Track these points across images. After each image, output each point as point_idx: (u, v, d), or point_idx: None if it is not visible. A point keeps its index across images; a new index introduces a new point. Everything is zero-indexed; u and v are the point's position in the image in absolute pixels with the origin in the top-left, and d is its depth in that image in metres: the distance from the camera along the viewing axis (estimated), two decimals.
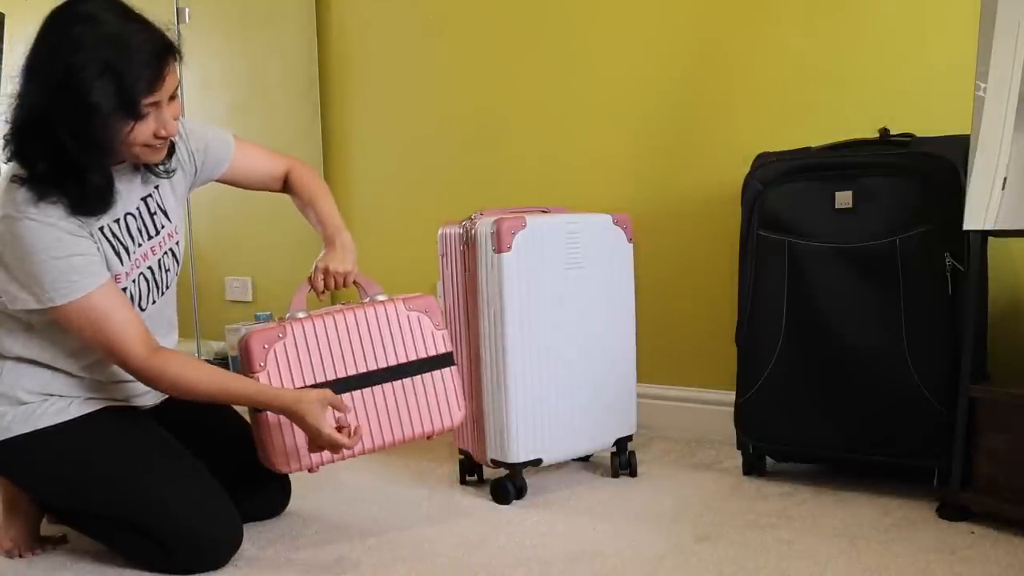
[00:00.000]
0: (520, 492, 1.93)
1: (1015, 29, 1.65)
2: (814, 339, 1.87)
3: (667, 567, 1.56)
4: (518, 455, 1.91)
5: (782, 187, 1.91)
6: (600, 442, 2.03)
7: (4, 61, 2.58)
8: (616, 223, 2.02)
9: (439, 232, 2.01)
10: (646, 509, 1.85)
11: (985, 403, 1.68)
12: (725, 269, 2.27)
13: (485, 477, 2.03)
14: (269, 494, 1.88)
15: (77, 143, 1.49)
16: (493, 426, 1.92)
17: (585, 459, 2.17)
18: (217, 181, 1.84)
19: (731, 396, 2.03)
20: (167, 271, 1.73)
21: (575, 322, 1.96)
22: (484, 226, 1.89)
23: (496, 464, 1.94)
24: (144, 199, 1.68)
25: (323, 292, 1.74)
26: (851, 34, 2.12)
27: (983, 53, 1.68)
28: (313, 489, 2.04)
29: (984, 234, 1.70)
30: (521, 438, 1.90)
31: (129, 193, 1.65)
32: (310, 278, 1.74)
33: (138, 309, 1.65)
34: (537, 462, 1.93)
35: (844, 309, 1.84)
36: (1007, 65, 1.66)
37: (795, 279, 1.89)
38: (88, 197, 1.55)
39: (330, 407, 1.60)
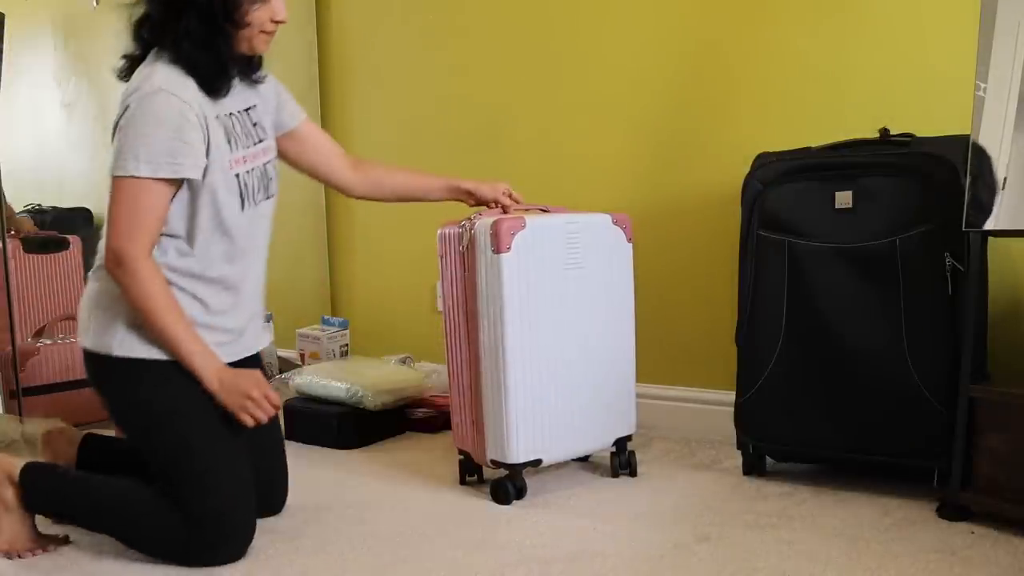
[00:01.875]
0: (520, 492, 1.93)
1: (1015, 29, 1.65)
2: (814, 339, 1.87)
3: (667, 567, 1.56)
4: (518, 456, 1.90)
5: (782, 187, 1.91)
6: (600, 442, 2.03)
7: (4, 61, 2.57)
8: (616, 223, 2.02)
9: (438, 232, 2.01)
10: (646, 509, 1.85)
11: (985, 403, 1.68)
12: (725, 269, 2.27)
13: (485, 477, 2.03)
14: (270, 490, 1.89)
15: (213, 21, 1.67)
16: (493, 426, 1.91)
17: (584, 459, 2.17)
18: (281, 145, 1.94)
19: (731, 396, 2.03)
20: (270, 179, 1.84)
21: (575, 322, 1.96)
22: (483, 226, 1.88)
23: (496, 465, 1.93)
24: (247, 110, 1.82)
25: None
26: (851, 34, 2.12)
27: (983, 53, 1.68)
28: (313, 490, 2.04)
29: (984, 234, 1.70)
30: (521, 438, 1.90)
31: (231, 95, 1.77)
32: (494, 205, 1.99)
33: (251, 203, 1.77)
34: (537, 462, 1.93)
35: (844, 309, 1.84)
36: (1007, 65, 1.66)
37: (795, 279, 1.89)
38: (216, 73, 1.70)
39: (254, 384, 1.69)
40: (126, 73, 1.74)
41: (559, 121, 2.57)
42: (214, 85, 1.71)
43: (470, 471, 2.05)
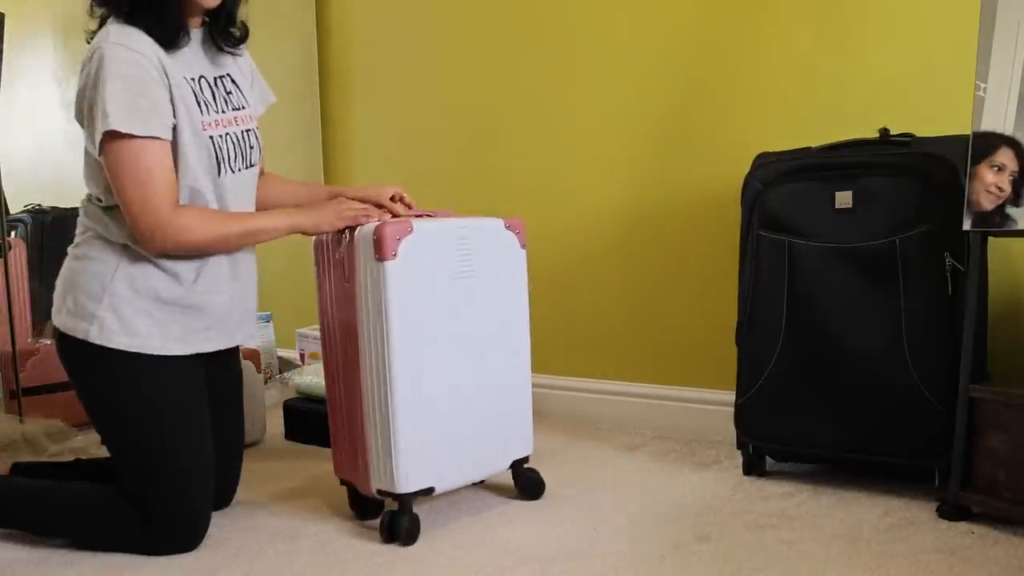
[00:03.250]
0: (412, 529, 1.73)
1: (1015, 29, 1.65)
2: (814, 339, 1.87)
3: (667, 567, 1.56)
4: (407, 484, 1.71)
5: (782, 187, 1.91)
6: (497, 466, 1.89)
7: (4, 61, 2.57)
8: (508, 228, 1.87)
9: (313, 240, 1.84)
10: (646, 509, 1.85)
11: (985, 403, 1.68)
12: (725, 269, 2.27)
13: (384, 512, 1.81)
14: (224, 484, 1.90)
15: None
16: (378, 452, 1.73)
17: (480, 483, 2.02)
18: None
19: (731, 396, 2.03)
20: (251, 148, 1.81)
21: (467, 334, 1.80)
22: (365, 232, 1.71)
23: (383, 495, 1.75)
24: (219, 78, 1.79)
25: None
26: (851, 34, 2.12)
27: (983, 53, 1.69)
28: (314, 490, 2.04)
29: (984, 234, 1.70)
30: (410, 464, 1.71)
31: (198, 60, 1.76)
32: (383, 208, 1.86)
33: (228, 169, 1.73)
34: (429, 491, 1.75)
35: (844, 309, 1.84)
36: (1007, 65, 1.66)
37: (795, 279, 1.89)
38: (168, 28, 1.64)
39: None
40: None
41: (559, 121, 2.57)
42: (166, 38, 1.65)
43: (357, 505, 1.86)
